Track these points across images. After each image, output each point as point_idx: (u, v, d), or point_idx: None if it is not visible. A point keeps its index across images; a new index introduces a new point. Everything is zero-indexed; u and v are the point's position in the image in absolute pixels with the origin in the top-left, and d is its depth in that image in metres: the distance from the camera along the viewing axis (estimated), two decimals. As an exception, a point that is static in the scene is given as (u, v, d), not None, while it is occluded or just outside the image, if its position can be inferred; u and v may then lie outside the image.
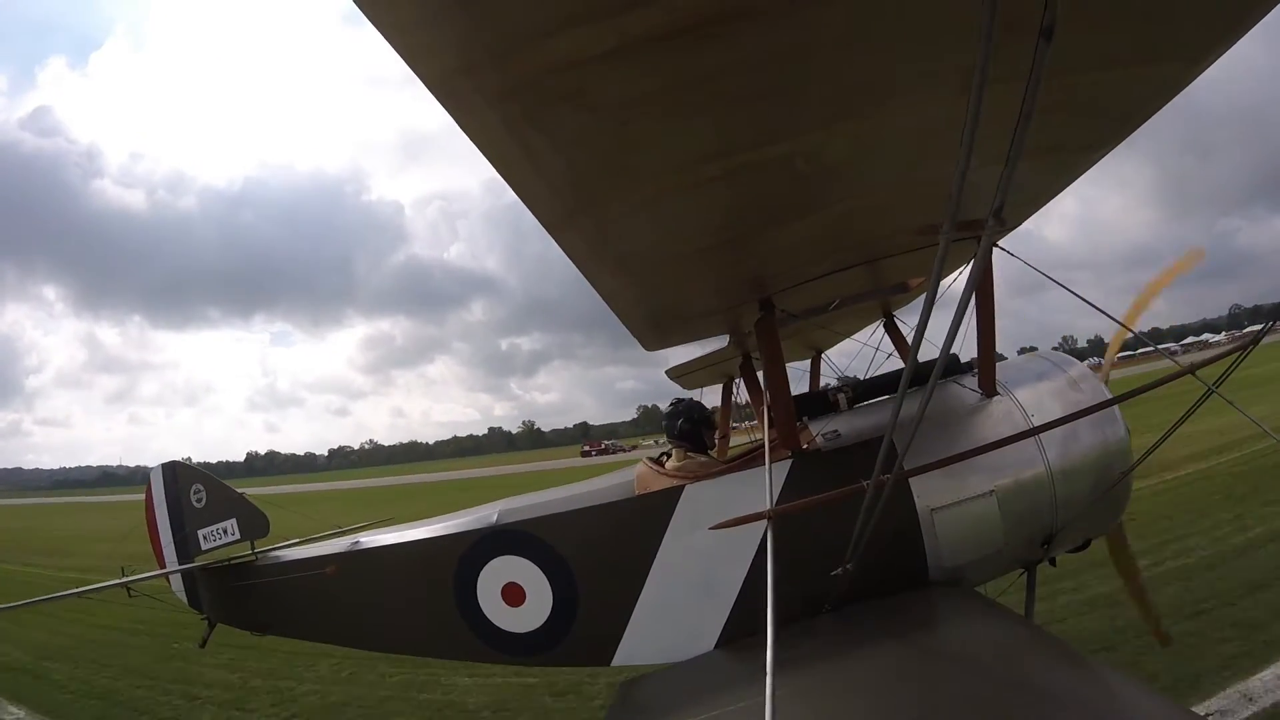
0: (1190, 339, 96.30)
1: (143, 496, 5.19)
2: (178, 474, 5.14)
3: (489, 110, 1.59)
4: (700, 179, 2.11)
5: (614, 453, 78.23)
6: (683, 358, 6.30)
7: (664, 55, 1.51)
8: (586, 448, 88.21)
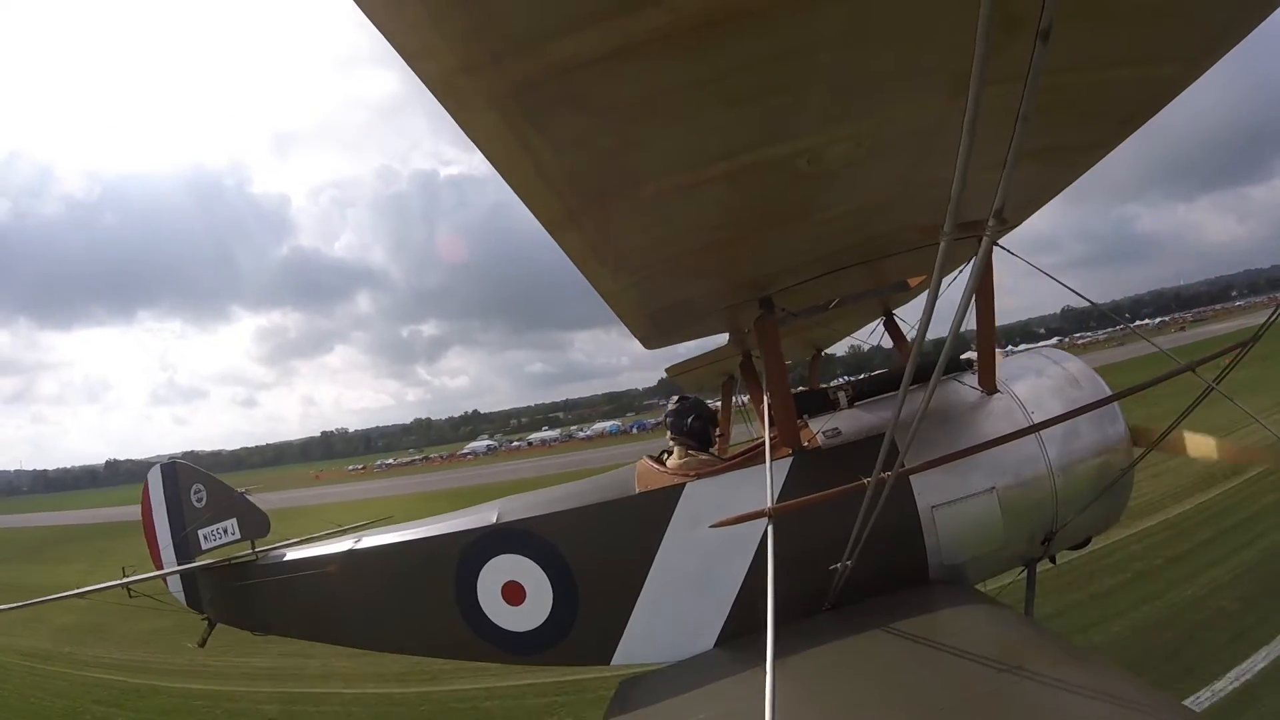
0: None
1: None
2: (178, 474, 5.11)
3: (490, 111, 1.58)
4: (701, 179, 2.11)
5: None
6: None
7: (665, 57, 1.50)
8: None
